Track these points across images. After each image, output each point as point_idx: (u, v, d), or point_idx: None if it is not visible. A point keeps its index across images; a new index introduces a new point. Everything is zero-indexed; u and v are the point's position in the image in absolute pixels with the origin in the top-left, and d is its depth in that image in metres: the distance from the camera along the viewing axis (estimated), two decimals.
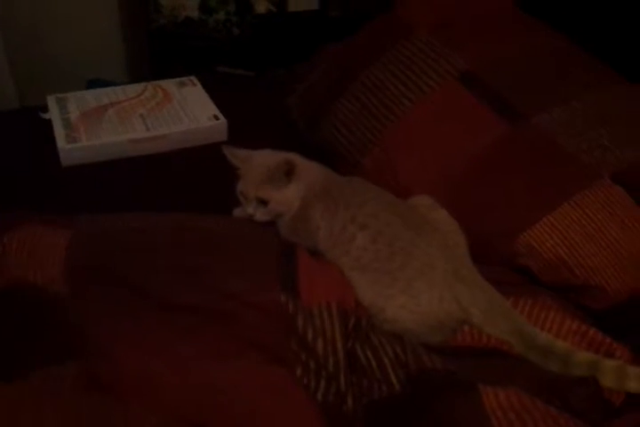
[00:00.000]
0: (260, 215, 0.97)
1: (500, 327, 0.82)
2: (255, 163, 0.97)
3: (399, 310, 0.84)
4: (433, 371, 0.78)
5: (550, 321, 0.84)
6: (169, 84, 1.48)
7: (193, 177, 1.27)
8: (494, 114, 1.04)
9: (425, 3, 1.29)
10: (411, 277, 0.84)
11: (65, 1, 2.20)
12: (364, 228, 0.88)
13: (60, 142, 1.24)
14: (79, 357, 0.76)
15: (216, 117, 1.38)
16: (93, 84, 2.20)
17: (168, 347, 0.77)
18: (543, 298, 0.87)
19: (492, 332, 0.83)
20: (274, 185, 0.95)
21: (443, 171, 1.03)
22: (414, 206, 0.94)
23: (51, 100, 1.38)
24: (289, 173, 0.94)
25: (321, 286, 0.85)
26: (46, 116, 1.36)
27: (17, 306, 0.83)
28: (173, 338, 0.78)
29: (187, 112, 1.38)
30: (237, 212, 1.07)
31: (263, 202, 0.96)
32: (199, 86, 1.49)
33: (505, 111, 1.04)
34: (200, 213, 1.01)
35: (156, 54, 2.15)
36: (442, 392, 0.75)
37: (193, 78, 1.52)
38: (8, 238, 0.88)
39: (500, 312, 0.83)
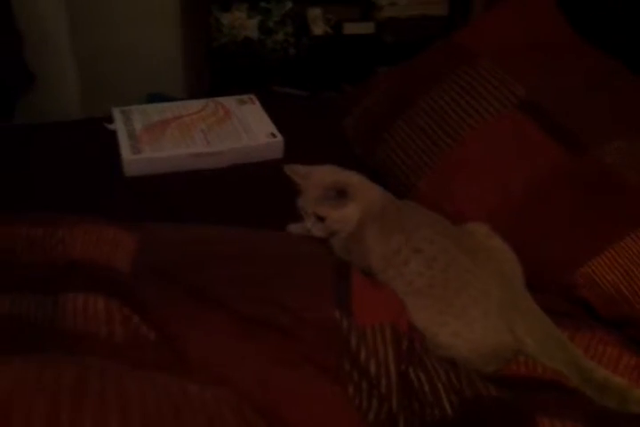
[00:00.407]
0: (317, 231, 0.99)
1: (556, 359, 0.81)
2: (314, 180, 0.99)
3: (452, 337, 0.83)
4: (487, 398, 0.77)
5: (608, 356, 0.83)
6: (229, 101, 1.52)
7: (248, 192, 1.29)
8: (556, 143, 1.04)
9: (486, 30, 1.30)
10: (465, 305, 0.84)
11: (130, 18, 2.29)
12: (418, 252, 0.88)
13: (125, 153, 1.29)
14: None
15: (273, 135, 1.41)
16: (153, 98, 2.28)
17: (227, 343, 0.78)
18: (601, 332, 0.85)
19: (548, 363, 0.81)
20: (330, 203, 0.96)
21: (501, 198, 1.03)
22: (470, 233, 0.93)
23: (116, 112, 1.44)
24: (341, 193, 0.95)
25: (375, 306, 0.85)
26: (112, 127, 1.41)
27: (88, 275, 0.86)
28: (232, 337, 0.79)
29: (245, 129, 1.42)
30: (292, 228, 1.09)
31: (320, 218, 0.98)
32: (258, 104, 1.53)
33: (566, 140, 1.03)
34: (256, 228, 1.04)
35: (214, 72, 2.22)
36: (496, 420, 0.74)
37: (252, 96, 1.56)
38: (75, 229, 0.93)
39: (556, 344, 0.82)
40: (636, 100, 1.11)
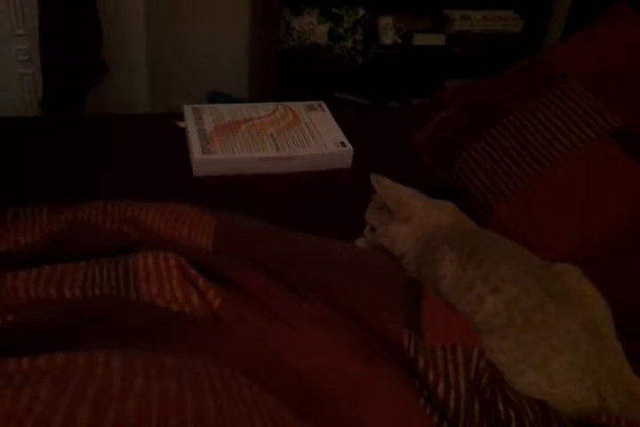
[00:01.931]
0: (370, 239, 1.01)
1: (637, 418, 0.75)
2: (383, 192, 0.98)
3: (530, 387, 0.77)
4: None
5: None
6: (298, 107, 1.50)
7: (315, 200, 1.27)
8: None
9: (577, 51, 1.24)
10: (547, 356, 0.77)
11: (201, 17, 2.31)
12: (496, 292, 0.81)
13: (196, 153, 1.27)
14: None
15: (343, 144, 1.38)
16: (216, 96, 2.29)
17: (303, 329, 0.76)
18: None
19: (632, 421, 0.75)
20: (381, 217, 0.99)
21: (588, 231, 0.98)
22: (560, 275, 0.86)
23: (187, 110, 1.43)
24: (394, 212, 0.96)
25: (448, 326, 0.81)
26: (182, 124, 1.40)
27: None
28: (301, 321, 0.77)
29: (314, 136, 1.39)
30: (359, 242, 1.07)
31: (373, 229, 1.01)
32: (327, 112, 1.50)
33: None
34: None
35: (279, 75, 2.21)
36: None
37: (322, 103, 1.54)
38: (153, 207, 0.93)
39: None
40: None
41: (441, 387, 0.75)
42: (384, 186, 0.99)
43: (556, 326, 0.78)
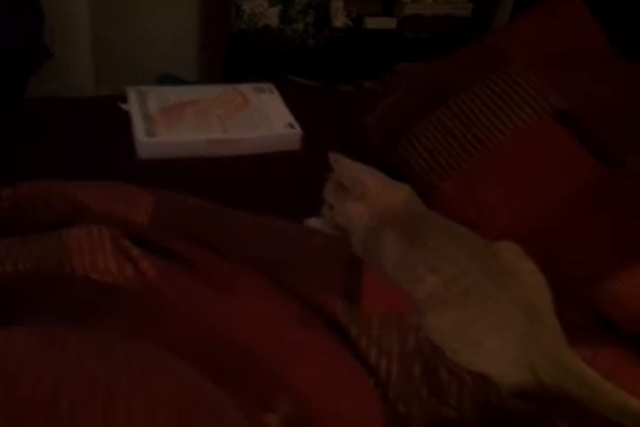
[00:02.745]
0: (328, 218, 1.01)
1: (573, 392, 0.77)
2: (341, 171, 0.98)
3: (467, 365, 0.79)
4: (512, 408, 0.74)
5: (629, 376, 0.80)
6: (247, 89, 1.48)
7: (263, 182, 1.26)
8: (589, 155, 1.00)
9: (522, 34, 1.26)
10: (482, 334, 0.79)
11: None
12: (435, 271, 0.82)
13: (140, 135, 1.24)
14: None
15: (291, 126, 1.37)
16: (165, 79, 2.24)
17: (232, 295, 0.77)
18: (624, 350, 0.83)
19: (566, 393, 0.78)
20: (338, 195, 0.99)
21: (529, 208, 1.00)
22: (498, 252, 0.87)
23: (131, 92, 1.39)
24: (350, 190, 0.96)
25: (385, 297, 0.83)
26: (125, 107, 1.37)
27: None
28: (238, 291, 0.78)
29: (263, 118, 1.38)
30: (310, 222, 1.07)
31: (331, 207, 1.01)
32: (277, 94, 1.49)
33: (600, 154, 1.00)
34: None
35: (229, 57, 2.18)
36: (514, 425, 0.72)
37: (271, 86, 1.52)
38: (89, 185, 0.91)
39: (574, 380, 0.77)
40: None
41: (373, 353, 0.77)
42: (341, 164, 0.99)
43: (492, 304, 0.80)
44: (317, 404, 0.69)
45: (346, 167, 0.99)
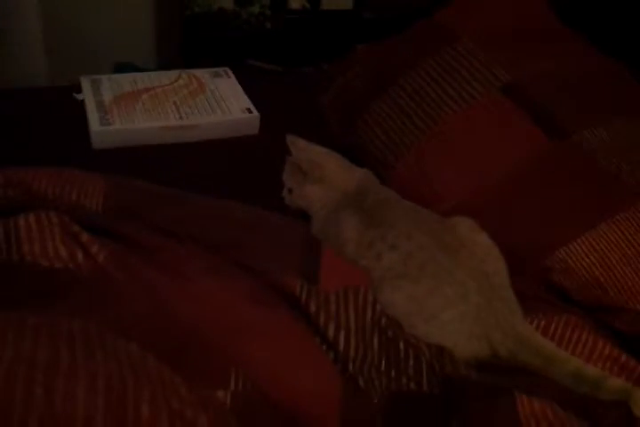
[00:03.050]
0: (288, 201, 1.02)
1: (528, 362, 0.80)
2: (298, 154, 0.99)
3: (425, 337, 0.81)
4: (468, 378, 0.77)
5: (582, 344, 0.83)
6: (203, 74, 1.47)
7: (221, 168, 1.26)
8: (536, 127, 1.03)
9: (468, 11, 1.28)
10: (438, 307, 0.81)
11: None
12: (393, 248, 0.84)
13: (94, 125, 1.23)
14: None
15: (249, 110, 1.37)
16: (122, 68, 2.20)
17: (186, 275, 0.78)
18: (575, 318, 0.86)
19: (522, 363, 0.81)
20: (297, 179, 0.99)
21: (479, 181, 1.03)
22: (452, 227, 0.89)
23: (85, 82, 1.38)
24: (308, 173, 0.97)
25: (343, 276, 0.85)
26: (80, 97, 1.35)
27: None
28: (192, 272, 0.79)
29: (219, 103, 1.38)
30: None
31: (290, 190, 1.01)
32: (233, 78, 1.48)
33: (547, 125, 1.03)
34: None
35: (186, 43, 2.15)
36: (473, 395, 0.74)
37: (227, 70, 1.52)
38: (40, 171, 0.91)
39: (530, 351, 0.80)
40: (619, 89, 1.11)
41: (331, 328, 0.79)
42: (299, 147, 0.99)
43: (448, 277, 0.81)
44: (272, 379, 0.70)
45: (303, 150, 0.99)
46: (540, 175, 1.01)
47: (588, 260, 0.93)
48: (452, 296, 0.81)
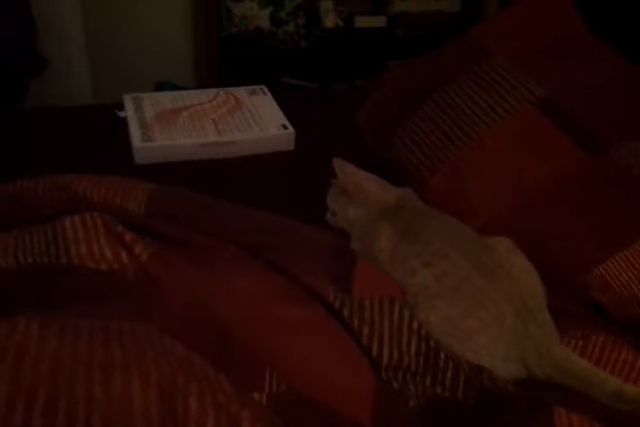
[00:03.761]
0: (332, 223, 1.03)
1: (566, 383, 0.79)
2: (347, 178, 0.99)
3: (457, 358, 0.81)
4: (504, 392, 0.77)
5: (622, 362, 0.81)
6: (240, 92, 1.51)
7: (258, 183, 1.29)
8: (572, 143, 1.03)
9: (503, 27, 1.29)
10: (473, 329, 0.80)
11: (141, 5, 2.28)
12: (428, 266, 0.83)
13: (136, 141, 1.28)
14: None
15: (284, 127, 1.40)
16: (162, 86, 2.27)
17: (223, 274, 0.80)
18: (614, 335, 0.84)
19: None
20: (343, 201, 1.00)
21: (515, 196, 1.02)
22: (490, 247, 0.87)
23: (127, 99, 1.43)
24: (352, 196, 0.98)
25: (377, 284, 0.85)
26: (122, 114, 1.40)
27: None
28: (229, 270, 0.81)
29: (256, 120, 1.41)
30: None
31: (334, 213, 1.02)
32: (269, 96, 1.52)
33: (583, 140, 1.03)
34: None
35: (223, 61, 2.21)
36: (511, 408, 0.73)
37: (263, 87, 1.55)
38: (84, 179, 0.97)
39: (566, 373, 0.79)
40: None
41: (365, 333, 0.79)
42: (345, 171, 0.99)
43: (483, 299, 0.80)
44: (306, 378, 0.72)
45: (350, 174, 0.99)
46: (577, 191, 1.00)
47: (626, 276, 0.91)
48: (487, 319, 0.80)
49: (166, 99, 1.45)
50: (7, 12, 1.69)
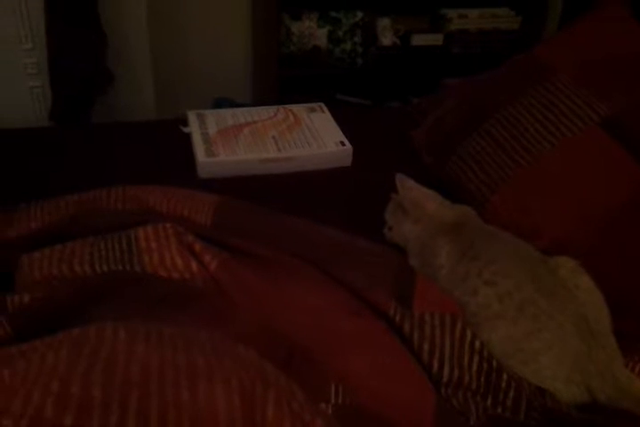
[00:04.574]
0: (388, 238, 1.05)
1: (629, 407, 0.77)
2: (407, 193, 1.01)
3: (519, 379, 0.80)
4: (567, 415, 0.75)
5: None
6: (299, 109, 1.54)
7: (315, 198, 1.31)
8: (637, 164, 1.01)
9: (565, 45, 1.28)
10: (537, 351, 0.79)
11: (203, 24, 2.35)
12: (490, 285, 0.83)
13: (200, 155, 1.32)
14: None
15: (342, 144, 1.42)
16: (220, 102, 2.33)
17: (286, 286, 0.82)
18: None
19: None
20: (399, 216, 1.02)
21: (579, 219, 1.00)
22: (554, 268, 0.87)
23: (191, 116, 1.48)
24: (410, 212, 0.99)
25: (437, 301, 0.84)
26: (186, 129, 1.45)
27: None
28: (293, 282, 0.83)
29: (315, 137, 1.43)
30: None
31: (390, 227, 1.05)
32: (327, 113, 1.54)
33: None
34: None
35: (281, 79, 2.25)
36: None
37: (322, 105, 1.58)
38: (155, 190, 1.01)
39: (630, 398, 0.78)
40: None
41: (425, 350, 0.79)
42: (406, 186, 1.01)
43: (547, 321, 0.79)
44: (370, 393, 0.72)
45: (410, 189, 1.01)
46: None
47: None
48: (550, 341, 0.79)
49: (228, 115, 1.49)
50: (80, 27, 1.77)
